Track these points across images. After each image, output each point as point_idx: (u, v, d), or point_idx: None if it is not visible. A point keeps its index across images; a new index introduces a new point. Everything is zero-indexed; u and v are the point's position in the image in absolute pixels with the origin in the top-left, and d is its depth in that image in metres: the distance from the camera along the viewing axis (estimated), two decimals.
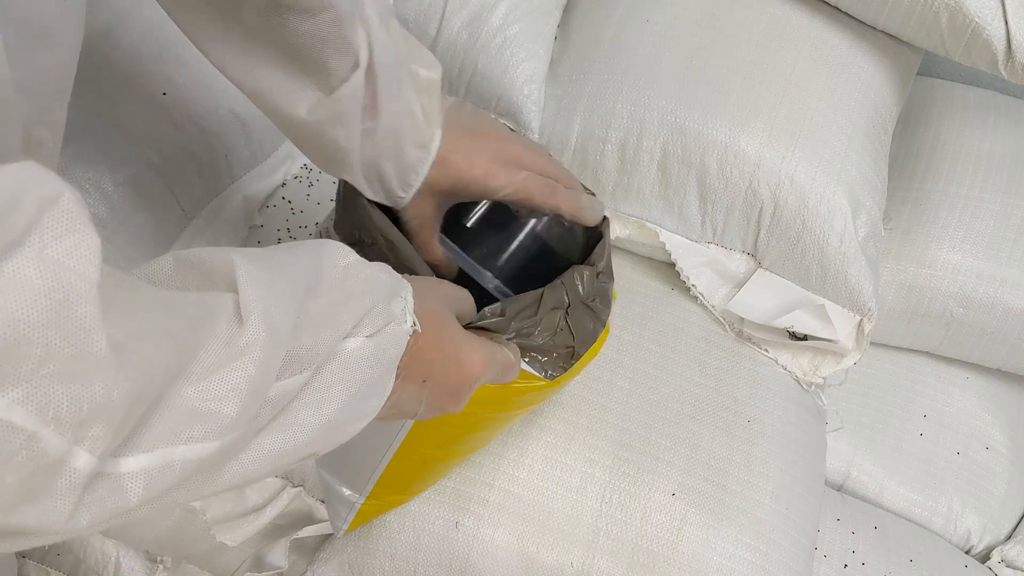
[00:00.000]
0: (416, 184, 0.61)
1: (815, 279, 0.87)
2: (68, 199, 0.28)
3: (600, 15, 0.95)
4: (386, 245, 0.59)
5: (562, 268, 0.63)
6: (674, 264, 0.90)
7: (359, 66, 0.54)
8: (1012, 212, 0.99)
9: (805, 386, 0.90)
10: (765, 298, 0.88)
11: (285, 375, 0.38)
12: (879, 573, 0.88)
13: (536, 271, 0.67)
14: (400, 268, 0.57)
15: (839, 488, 1.02)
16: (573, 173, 0.71)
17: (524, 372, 0.59)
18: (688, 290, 0.91)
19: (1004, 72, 0.89)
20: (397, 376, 0.46)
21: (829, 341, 0.86)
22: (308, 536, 0.82)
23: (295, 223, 0.92)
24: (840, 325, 0.86)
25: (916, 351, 1.07)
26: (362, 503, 0.70)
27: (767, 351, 0.90)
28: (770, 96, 0.88)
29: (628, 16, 0.94)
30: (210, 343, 0.34)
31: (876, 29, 0.96)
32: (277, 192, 0.94)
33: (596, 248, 0.65)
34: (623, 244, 0.94)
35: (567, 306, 0.61)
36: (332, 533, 0.78)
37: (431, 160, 0.61)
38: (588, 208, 0.65)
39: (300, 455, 0.41)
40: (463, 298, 0.55)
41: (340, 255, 0.44)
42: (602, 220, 0.69)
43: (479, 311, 0.57)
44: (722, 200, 0.87)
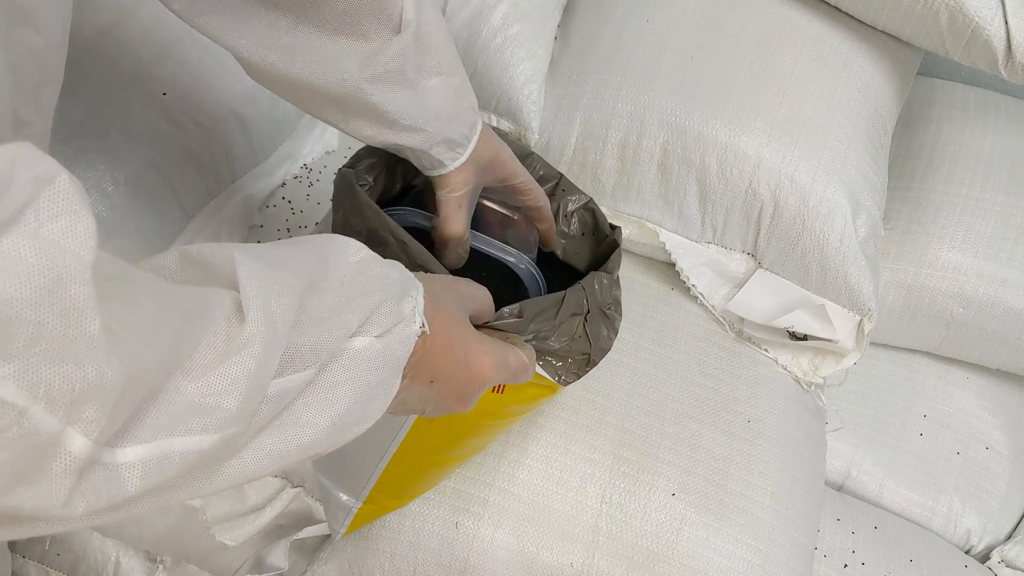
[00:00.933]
0: (468, 149, 0.61)
1: (815, 279, 0.87)
2: (64, 180, 0.28)
3: (600, 15, 0.95)
4: (397, 245, 0.58)
5: (565, 274, 0.63)
6: (674, 264, 0.90)
7: (407, 27, 0.55)
8: (1012, 212, 0.99)
9: (805, 386, 0.90)
10: (765, 298, 0.88)
11: (287, 372, 0.38)
12: (879, 573, 0.88)
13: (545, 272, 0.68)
14: (413, 267, 0.56)
15: (839, 488, 1.02)
16: (572, 173, 0.73)
17: (537, 375, 0.59)
18: (688, 290, 0.91)
19: (1004, 72, 0.89)
20: (404, 376, 0.46)
21: (829, 341, 0.86)
22: (308, 536, 0.82)
23: (295, 223, 0.92)
24: (840, 325, 0.86)
25: (916, 351, 1.07)
26: (359, 507, 0.70)
27: (767, 351, 0.90)
28: (770, 96, 0.88)
29: (628, 16, 0.94)
30: (209, 339, 0.34)
31: (876, 29, 0.96)
32: (277, 192, 0.94)
33: (612, 256, 0.66)
34: (623, 244, 0.94)
35: (586, 312, 0.60)
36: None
37: (480, 127, 0.62)
38: (553, 240, 0.71)
39: (303, 455, 0.40)
40: (479, 297, 0.54)
41: (352, 250, 0.44)
42: (614, 229, 0.71)
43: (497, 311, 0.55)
44: (722, 200, 0.87)
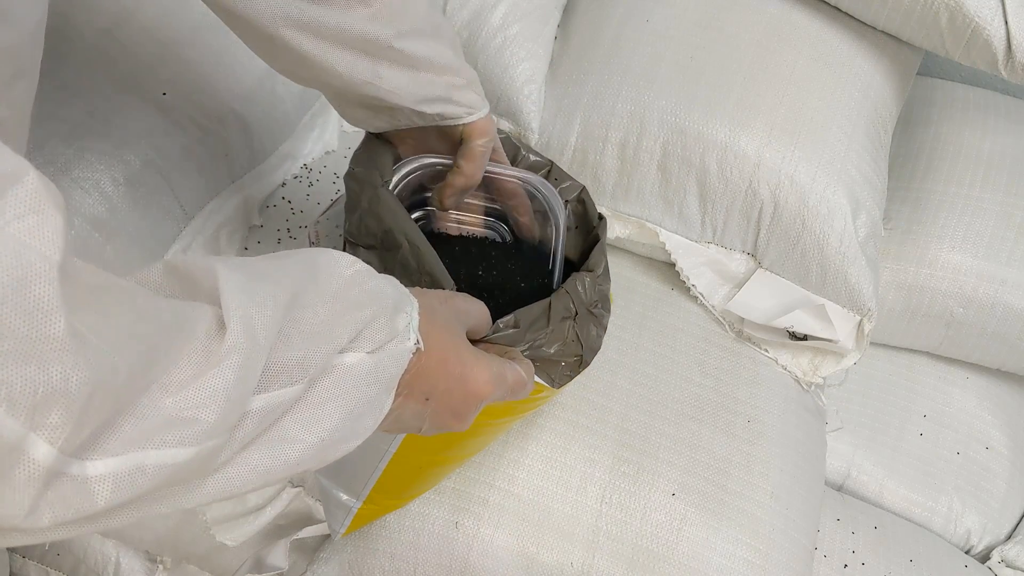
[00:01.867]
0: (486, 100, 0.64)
1: (815, 279, 0.87)
2: (32, 179, 0.27)
3: (600, 15, 0.95)
4: (410, 250, 0.57)
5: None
6: (674, 264, 0.90)
7: None
8: (1012, 212, 0.99)
9: (805, 386, 0.90)
10: (765, 298, 0.88)
11: (275, 386, 0.37)
12: (879, 573, 0.88)
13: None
14: (421, 274, 0.56)
15: (839, 488, 1.02)
16: (572, 173, 0.74)
17: (535, 383, 0.58)
18: (688, 290, 0.91)
19: (1004, 72, 0.89)
20: (399, 394, 0.45)
21: (829, 341, 0.86)
22: (308, 536, 0.82)
23: (295, 223, 0.92)
24: (840, 325, 0.86)
25: (916, 351, 1.07)
26: (359, 507, 0.70)
27: (767, 351, 0.90)
28: (770, 96, 0.88)
29: (628, 16, 0.94)
30: (189, 354, 0.33)
31: (876, 29, 0.96)
32: (277, 192, 0.94)
33: (593, 252, 0.65)
34: (623, 244, 0.94)
35: (574, 314, 0.60)
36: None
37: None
38: (532, 235, 0.71)
39: (291, 471, 0.39)
40: (476, 312, 0.53)
41: (344, 264, 0.43)
42: (599, 221, 0.69)
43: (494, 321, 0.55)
44: (722, 200, 0.87)
